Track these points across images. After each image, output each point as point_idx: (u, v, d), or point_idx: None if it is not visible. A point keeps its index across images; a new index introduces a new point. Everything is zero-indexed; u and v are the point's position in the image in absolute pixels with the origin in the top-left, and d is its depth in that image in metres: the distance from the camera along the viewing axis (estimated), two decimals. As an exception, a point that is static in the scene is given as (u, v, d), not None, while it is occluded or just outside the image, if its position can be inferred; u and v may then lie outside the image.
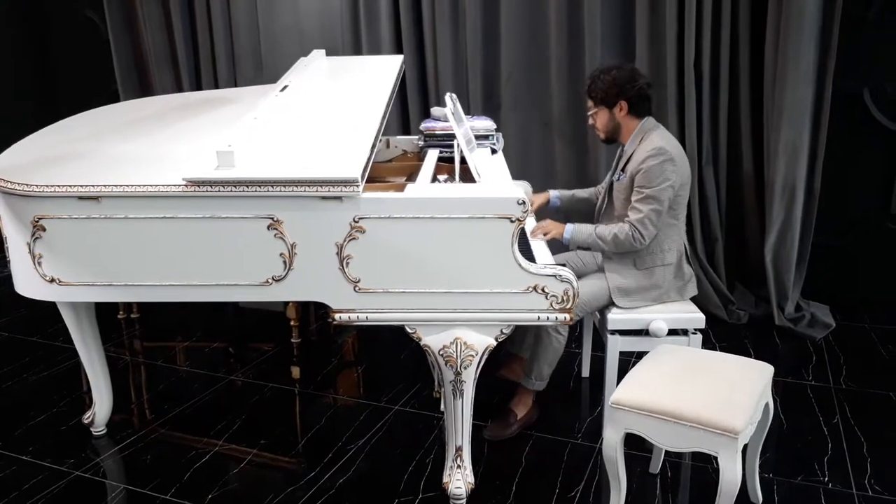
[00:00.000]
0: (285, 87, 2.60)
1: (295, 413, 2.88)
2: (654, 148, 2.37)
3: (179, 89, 4.70)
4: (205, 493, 2.30)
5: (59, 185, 1.94)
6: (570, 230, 2.48)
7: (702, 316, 2.43)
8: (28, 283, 2.10)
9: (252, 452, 2.55)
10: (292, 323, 3.45)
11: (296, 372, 3.23)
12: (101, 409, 2.64)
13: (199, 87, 4.66)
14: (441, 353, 2.00)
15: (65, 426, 2.73)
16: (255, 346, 3.48)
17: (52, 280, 2.04)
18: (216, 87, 4.56)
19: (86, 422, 2.68)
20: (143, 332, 3.71)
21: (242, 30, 4.48)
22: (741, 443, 1.78)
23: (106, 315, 3.57)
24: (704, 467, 2.34)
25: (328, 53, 3.21)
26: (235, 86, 4.52)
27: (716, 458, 1.79)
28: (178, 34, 4.60)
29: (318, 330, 3.70)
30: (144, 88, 4.91)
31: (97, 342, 2.58)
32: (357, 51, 4.10)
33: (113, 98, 4.71)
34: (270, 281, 1.95)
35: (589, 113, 2.58)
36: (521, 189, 1.95)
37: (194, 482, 2.37)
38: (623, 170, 2.50)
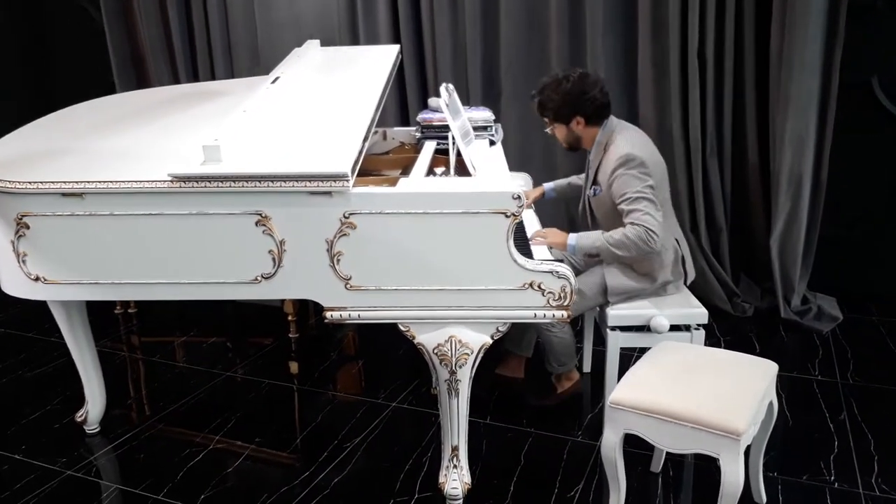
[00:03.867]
0: (276, 78, 2.55)
1: (293, 409, 2.85)
2: (621, 157, 2.27)
3: (176, 81, 4.65)
4: (199, 492, 2.26)
5: (42, 182, 1.90)
6: (575, 238, 2.31)
7: (704, 311, 2.36)
8: (13, 282, 2.06)
9: (248, 449, 2.52)
10: (290, 318, 3.41)
11: (294, 367, 3.20)
12: (93, 407, 2.61)
13: (196, 79, 4.60)
14: (435, 351, 1.95)
15: (58, 424, 2.70)
16: (253, 341, 3.45)
17: (38, 279, 2.00)
18: (213, 78, 4.50)
19: (79, 420, 2.65)
20: (140, 327, 3.68)
21: (239, 21, 4.42)
22: (744, 444, 1.73)
23: (103, 310, 3.55)
24: (707, 466, 2.29)
25: (325, 43, 3.15)
26: (233, 77, 4.46)
27: (718, 459, 1.74)
28: (174, 26, 4.54)
29: (316, 325, 3.66)
30: (141, 80, 4.86)
31: (89, 340, 2.54)
32: (354, 40, 4.03)
33: (109, 90, 4.63)
34: (259, 279, 1.91)
35: (546, 129, 2.49)
36: (518, 182, 1.90)
37: (189, 480, 2.33)
38: (596, 182, 2.42)
